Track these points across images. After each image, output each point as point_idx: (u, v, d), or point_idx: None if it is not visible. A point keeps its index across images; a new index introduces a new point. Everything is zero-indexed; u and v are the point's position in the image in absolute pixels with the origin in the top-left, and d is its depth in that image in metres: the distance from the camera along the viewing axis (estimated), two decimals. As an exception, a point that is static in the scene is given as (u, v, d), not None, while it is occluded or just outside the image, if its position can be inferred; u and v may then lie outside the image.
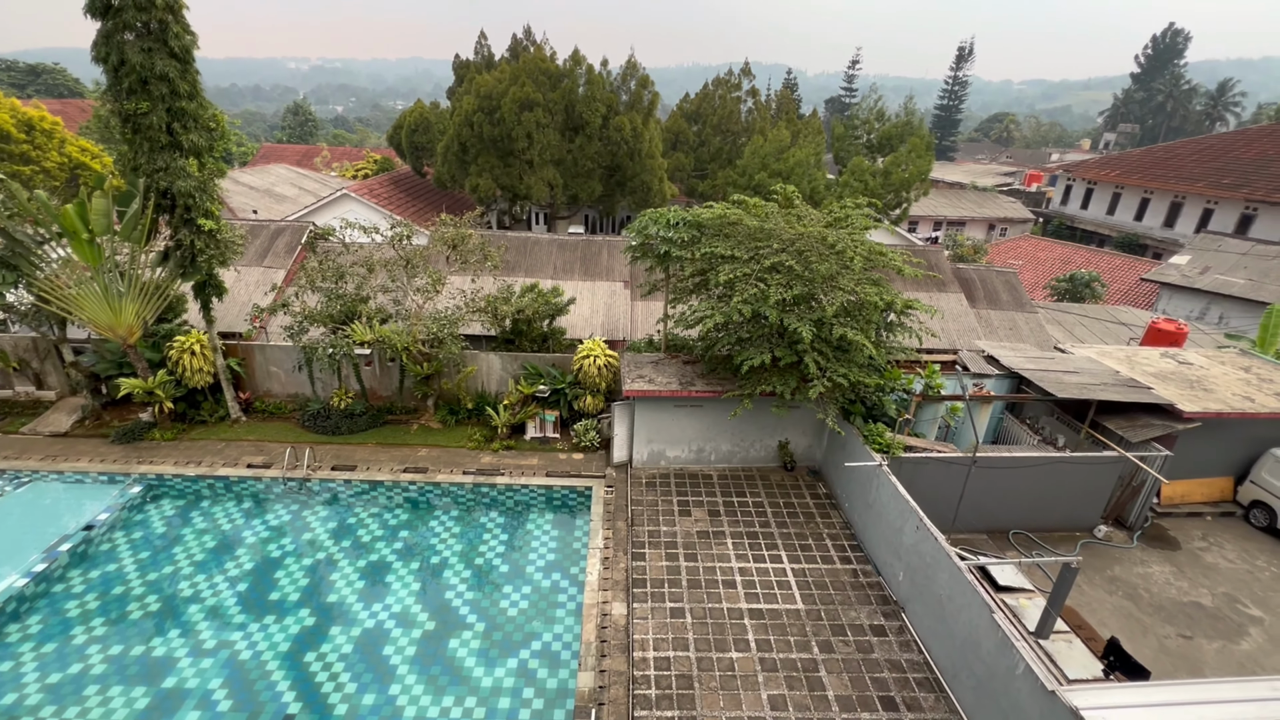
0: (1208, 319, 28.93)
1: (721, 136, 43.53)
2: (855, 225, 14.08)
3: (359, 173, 48.69)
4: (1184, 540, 13.93)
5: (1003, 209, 53.68)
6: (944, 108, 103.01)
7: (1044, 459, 13.12)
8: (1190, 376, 15.57)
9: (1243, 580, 12.79)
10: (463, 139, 34.48)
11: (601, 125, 34.45)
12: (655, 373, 14.74)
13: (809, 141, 36.70)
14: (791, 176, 32.47)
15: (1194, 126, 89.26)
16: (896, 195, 35.02)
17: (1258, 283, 28.44)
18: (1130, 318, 26.69)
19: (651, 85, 37.15)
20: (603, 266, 22.58)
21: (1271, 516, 14.22)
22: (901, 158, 35.09)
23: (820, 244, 12.75)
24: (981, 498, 13.02)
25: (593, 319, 20.67)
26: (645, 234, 14.21)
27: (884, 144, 39.20)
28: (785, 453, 15.18)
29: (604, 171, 36.12)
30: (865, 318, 12.63)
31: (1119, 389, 14.14)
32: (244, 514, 13.81)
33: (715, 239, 13.43)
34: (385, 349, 15.40)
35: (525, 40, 44.30)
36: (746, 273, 12.37)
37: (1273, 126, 46.32)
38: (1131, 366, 15.95)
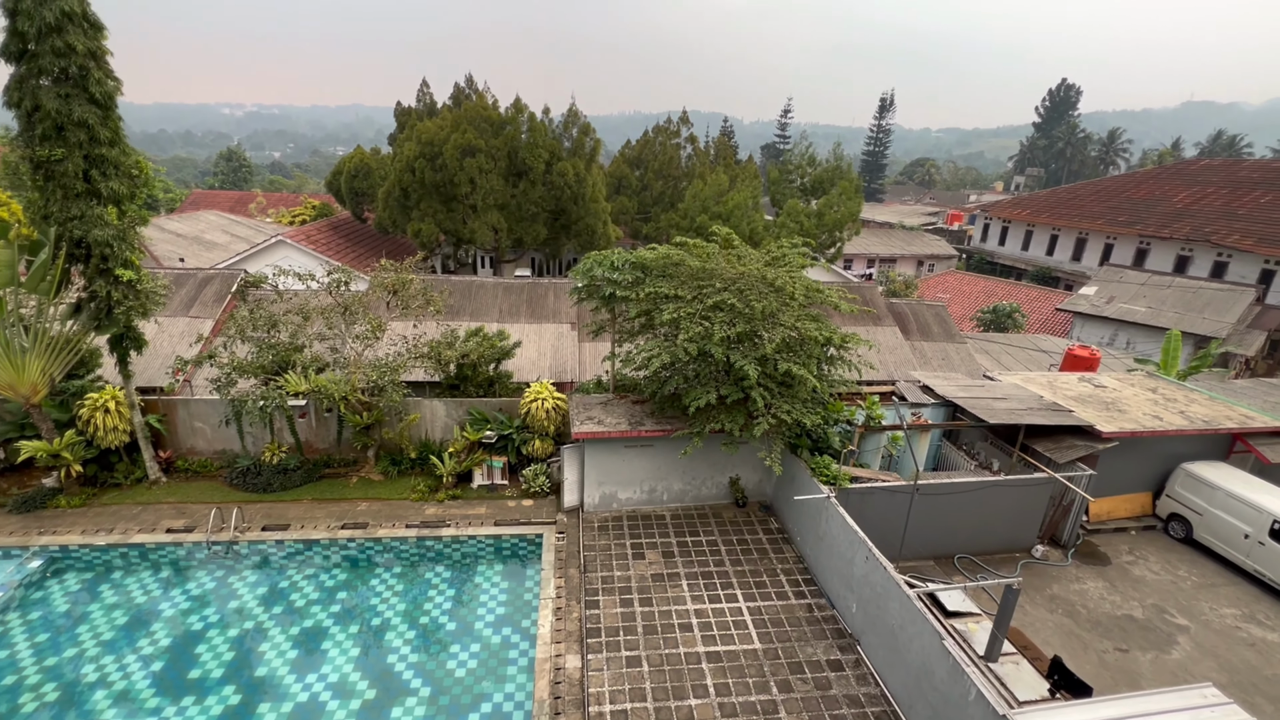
0: (1116, 344, 31.19)
1: (663, 181, 44.84)
2: (793, 264, 14.63)
3: (296, 219, 47.47)
4: (1113, 555, 14.63)
5: (929, 246, 56.99)
6: (871, 153, 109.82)
7: (981, 483, 13.63)
8: (1105, 399, 16.64)
9: (1168, 591, 13.48)
10: (404, 184, 34.25)
11: (545, 171, 34.96)
12: (604, 414, 14.65)
13: (746, 185, 38.23)
14: (731, 218, 33.61)
15: (1091, 170, 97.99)
16: (830, 235, 36.69)
17: (1156, 310, 30.99)
18: (1050, 345, 28.49)
19: (593, 132, 38.12)
20: (549, 309, 22.55)
21: (1188, 528, 15.14)
22: (833, 200, 36.94)
23: (760, 282, 13.15)
24: (926, 524, 13.36)
25: (540, 361, 20.50)
26: (590, 276, 14.33)
27: (817, 187, 41.23)
28: (737, 489, 15.24)
29: (548, 215, 36.48)
30: (807, 352, 12.99)
31: (1044, 413, 14.95)
32: (161, 584, 12.71)
33: (659, 279, 13.66)
34: (322, 399, 14.76)
35: (468, 89, 44.89)
36: (690, 312, 12.58)
37: (1157, 170, 51.40)
38: (1053, 391, 16.93)
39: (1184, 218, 40.93)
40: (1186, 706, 7.75)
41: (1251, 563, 13.83)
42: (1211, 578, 14.00)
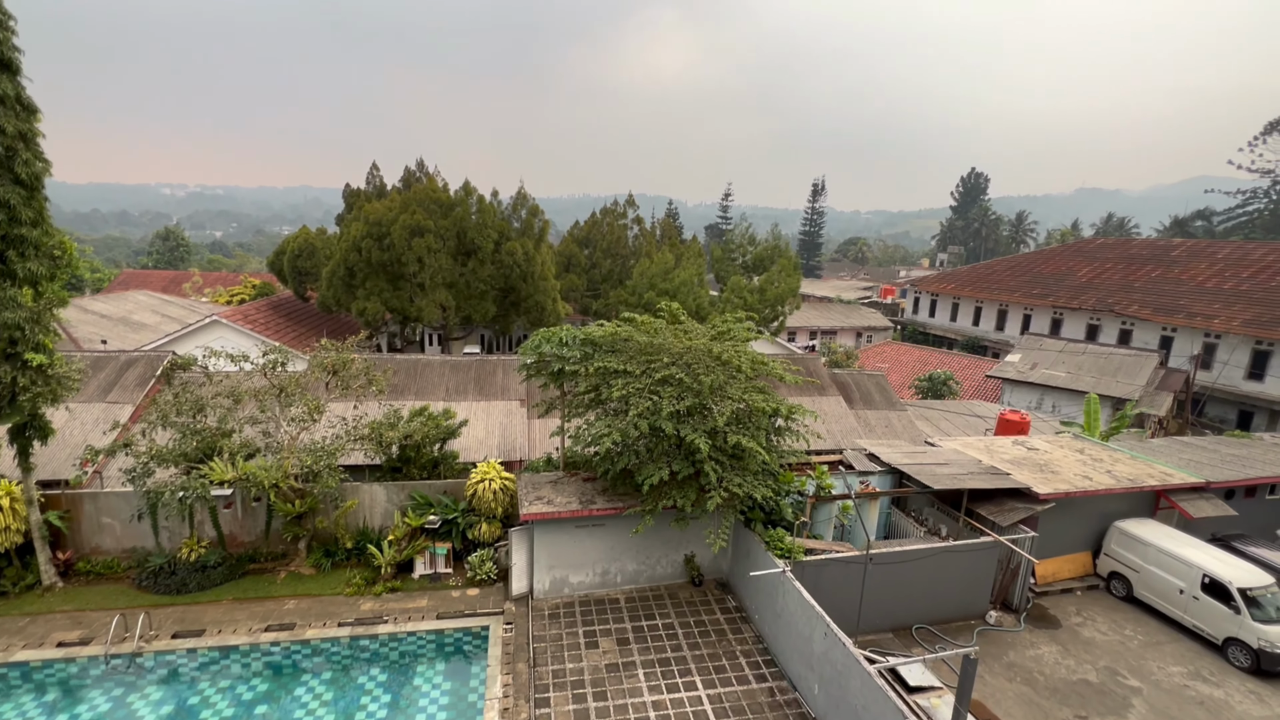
0: (1043, 408, 32.94)
1: (611, 259, 46.15)
2: (738, 337, 15.03)
3: (235, 298, 46.10)
4: (1063, 617, 14.80)
5: (866, 319, 59.96)
6: (807, 233, 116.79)
7: (932, 550, 13.75)
8: (1039, 461, 17.37)
9: (1118, 652, 13.64)
10: (350, 263, 34.01)
11: (494, 250, 35.49)
12: (554, 493, 14.23)
13: (691, 263, 39.74)
14: (678, 295, 34.64)
15: (1004, 248, 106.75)
16: (773, 309, 38.19)
17: (1075, 375, 33.12)
18: (984, 410, 29.83)
19: (542, 213, 39.27)
20: (498, 386, 22.24)
21: (1128, 586, 15.56)
22: (774, 276, 38.73)
23: (707, 356, 13.41)
24: (882, 595, 13.26)
25: (488, 440, 19.97)
26: (539, 352, 14.30)
27: (758, 264, 43.25)
28: (692, 567, 14.84)
29: (498, 293, 36.71)
30: (755, 424, 13.14)
31: (984, 477, 15.43)
32: (45, 709, 11.13)
33: (608, 355, 13.75)
34: (250, 487, 13.80)
35: (418, 171, 45.86)
36: (640, 387, 12.63)
37: (1061, 248, 56.50)
38: (991, 455, 17.57)
39: (1089, 290, 44.74)
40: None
41: (1189, 618, 14.23)
42: (1155, 635, 14.29)
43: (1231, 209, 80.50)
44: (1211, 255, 43.15)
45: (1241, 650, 13.19)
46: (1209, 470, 17.61)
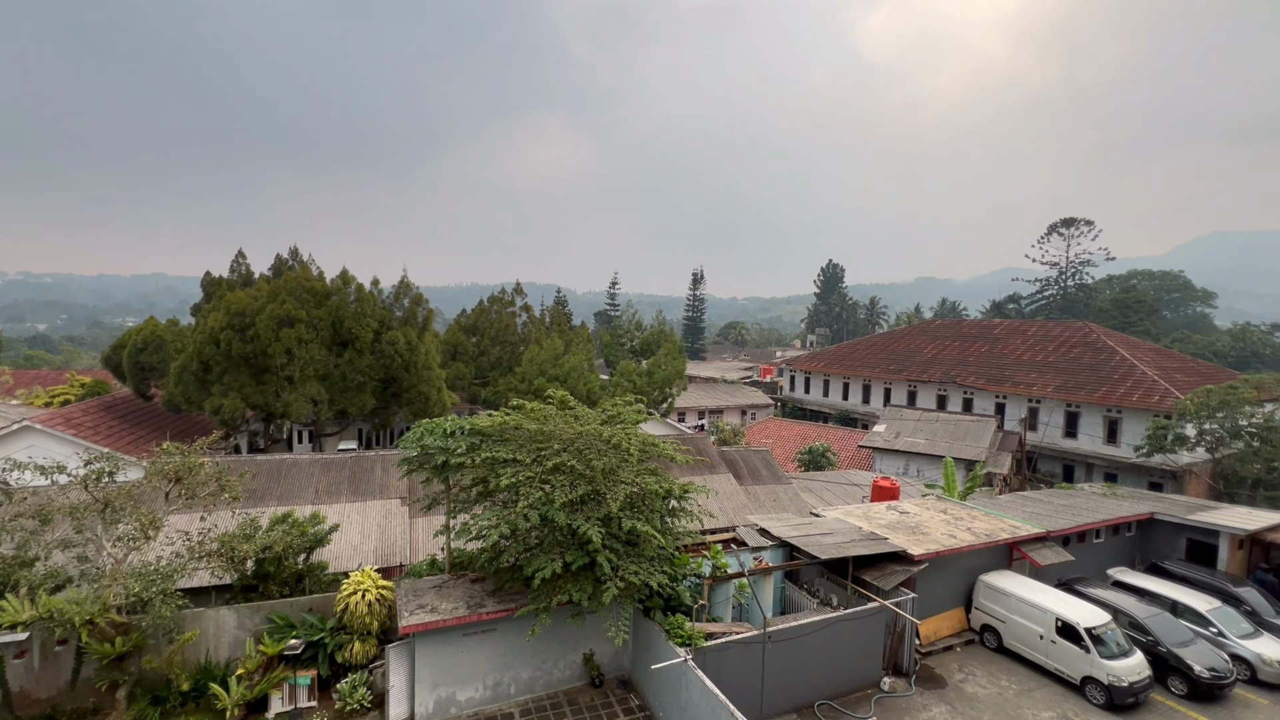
0: (909, 473, 35.82)
1: (500, 347, 45.67)
2: (628, 420, 15.19)
3: (56, 399, 39.87)
4: (947, 675, 15.47)
5: (749, 397, 63.12)
6: (690, 318, 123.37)
7: (825, 621, 14.03)
8: (910, 524, 18.64)
9: (997, 704, 14.37)
10: (205, 357, 30.91)
11: (373, 340, 33.93)
12: (439, 598, 13.07)
13: (581, 349, 40.26)
14: (568, 380, 34.72)
15: (862, 329, 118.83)
16: (662, 391, 39.24)
17: (932, 441, 36.57)
18: (860, 478, 31.87)
19: (426, 302, 38.43)
20: (376, 484, 20.60)
21: (998, 637, 16.68)
22: (661, 359, 40.12)
23: (598, 440, 13.37)
24: (782, 673, 13.20)
25: (364, 545, 18.19)
26: (422, 444, 13.56)
27: (646, 349, 44.68)
28: (591, 666, 14.00)
29: (377, 384, 34.77)
30: (650, 507, 13.09)
31: (865, 543, 16.25)
32: None
33: (497, 444, 13.31)
34: (53, 628, 11.41)
35: (291, 260, 43.61)
36: (530, 475, 12.25)
37: (908, 329, 63.82)
38: (869, 520, 18.63)
39: (935, 365, 50.52)
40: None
41: (1051, 662, 15.42)
42: (1027, 682, 15.27)
43: (1033, 294, 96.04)
44: (1024, 332, 50.62)
45: (1096, 688, 14.41)
46: (1047, 520, 19.78)
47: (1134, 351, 42.76)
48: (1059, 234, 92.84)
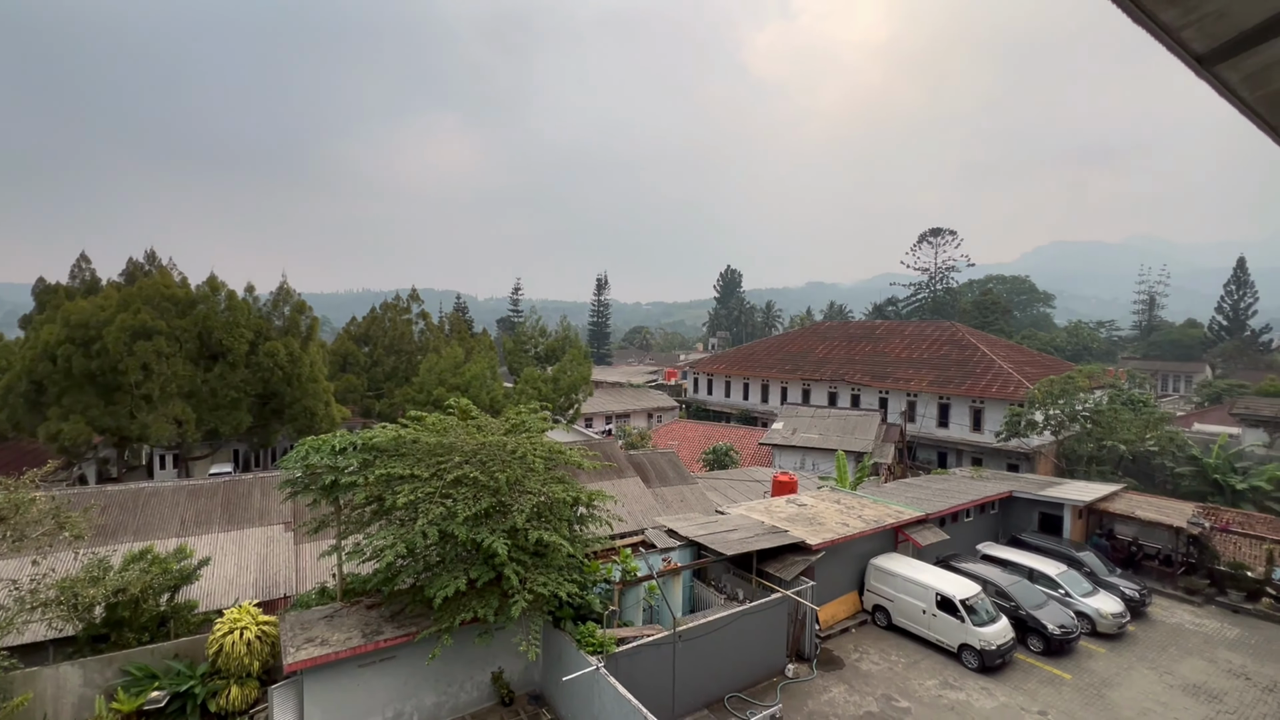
0: (806, 467, 37.83)
1: (395, 356, 43.36)
2: (534, 428, 14.88)
3: None
4: (845, 657, 16.41)
5: (655, 400, 64.05)
6: (595, 324, 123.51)
7: (732, 615, 14.43)
8: (808, 515, 19.64)
9: (889, 678, 15.43)
10: (38, 375, 26.91)
11: (249, 352, 31.04)
12: (330, 629, 12.10)
13: (483, 357, 39.08)
14: (470, 389, 33.55)
15: (760, 332, 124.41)
16: (568, 397, 38.90)
17: (825, 436, 38.85)
18: (761, 475, 33.21)
19: (310, 310, 35.76)
20: (254, 509, 18.79)
21: (888, 615, 17.94)
22: (566, 365, 39.76)
23: (502, 451, 12.97)
24: (694, 671, 13.42)
25: (241, 578, 16.53)
26: (307, 464, 12.51)
27: (550, 355, 44.12)
28: (501, 684, 13.52)
29: (255, 400, 31.85)
30: (558, 516, 12.87)
31: (768, 537, 16.91)
32: None
33: (392, 460, 12.55)
34: None
35: (147, 264, 39.06)
36: (430, 491, 11.66)
37: (801, 331, 67.56)
38: (770, 515, 19.43)
39: (825, 364, 53.79)
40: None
41: (933, 634, 16.79)
42: (913, 655, 16.52)
43: (908, 297, 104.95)
44: (902, 332, 55.10)
45: (971, 653, 15.85)
46: (926, 504, 21.57)
47: (992, 348, 47.75)
48: (928, 243, 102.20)
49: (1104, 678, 15.77)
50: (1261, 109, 4.55)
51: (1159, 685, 15.52)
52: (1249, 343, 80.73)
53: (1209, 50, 3.64)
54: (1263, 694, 15.21)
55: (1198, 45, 3.62)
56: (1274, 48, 3.76)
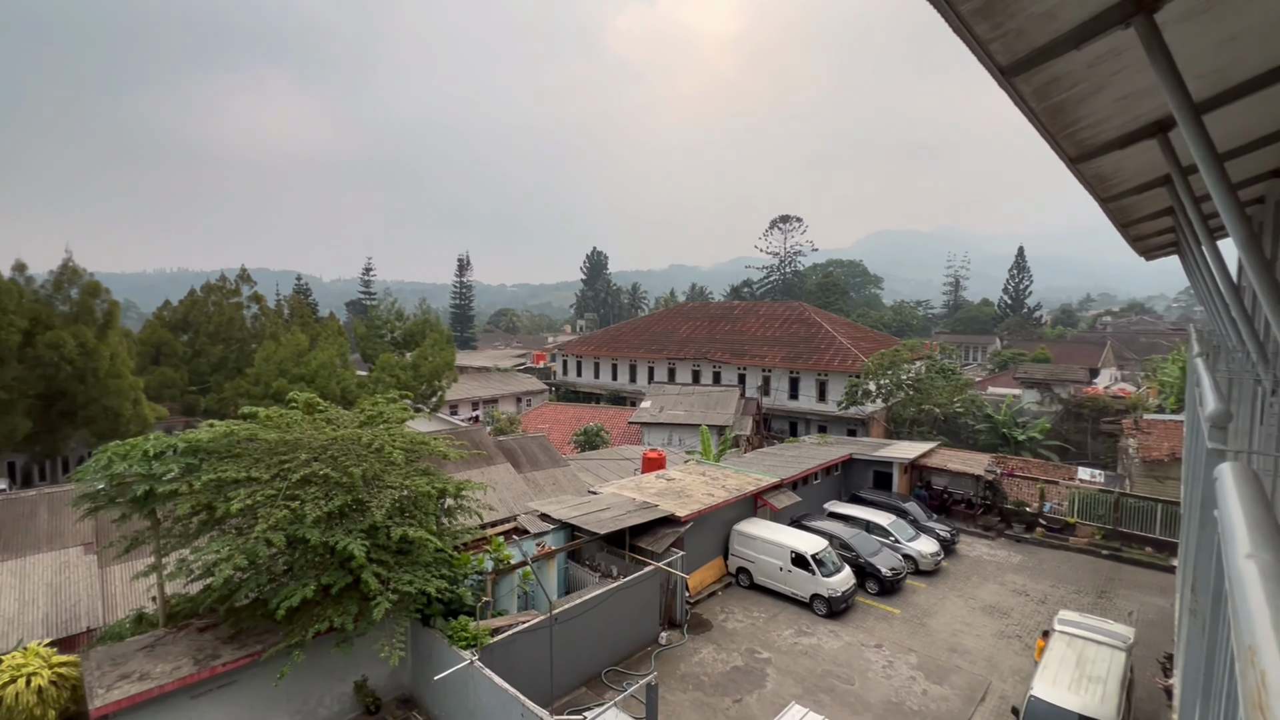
0: (674, 443, 39.38)
1: (224, 345, 38.32)
2: (393, 419, 13.93)
3: None
4: (713, 619, 17.45)
5: (524, 384, 62.89)
6: (457, 307, 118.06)
7: (607, 592, 14.70)
8: (676, 489, 20.48)
9: (751, 633, 16.67)
10: None
11: (23, 344, 25.74)
12: (151, 661, 10.53)
13: (331, 343, 35.78)
14: (316, 380, 30.63)
15: (626, 313, 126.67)
16: (430, 384, 36.92)
17: (690, 412, 40.66)
18: (631, 453, 34.01)
19: (107, 292, 30.39)
20: (41, 532, 15.75)
21: (750, 576, 19.32)
22: (427, 351, 37.65)
23: (357, 445, 12.00)
24: (572, 651, 13.52)
25: (26, 614, 13.84)
26: (112, 473, 10.69)
27: (409, 340, 41.49)
28: (365, 693, 12.66)
29: (36, 402, 26.55)
30: (423, 510, 12.21)
31: (639, 512, 17.38)
32: None
33: (224, 462, 11.11)
34: None
35: None
36: (272, 494, 10.49)
37: (665, 312, 69.71)
38: (641, 491, 19.98)
39: (689, 344, 56.13)
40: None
41: (789, 588, 18.37)
42: (772, 609, 17.98)
43: (762, 279, 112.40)
44: (757, 313, 58.92)
45: (820, 602, 17.59)
46: (781, 470, 23.43)
47: (834, 326, 52.68)
48: (778, 228, 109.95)
49: (925, 609, 18.28)
50: (1045, 119, 5.35)
51: (965, 609, 18.31)
52: (1026, 318, 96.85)
53: (1010, 63, 4.18)
54: (1038, 606, 18.54)
55: (1001, 58, 4.15)
56: (1054, 66, 4.41)
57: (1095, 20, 3.80)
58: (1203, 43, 4.85)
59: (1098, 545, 22.93)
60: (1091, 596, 19.30)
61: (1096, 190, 8.13)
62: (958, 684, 14.52)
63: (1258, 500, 1.15)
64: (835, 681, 14.48)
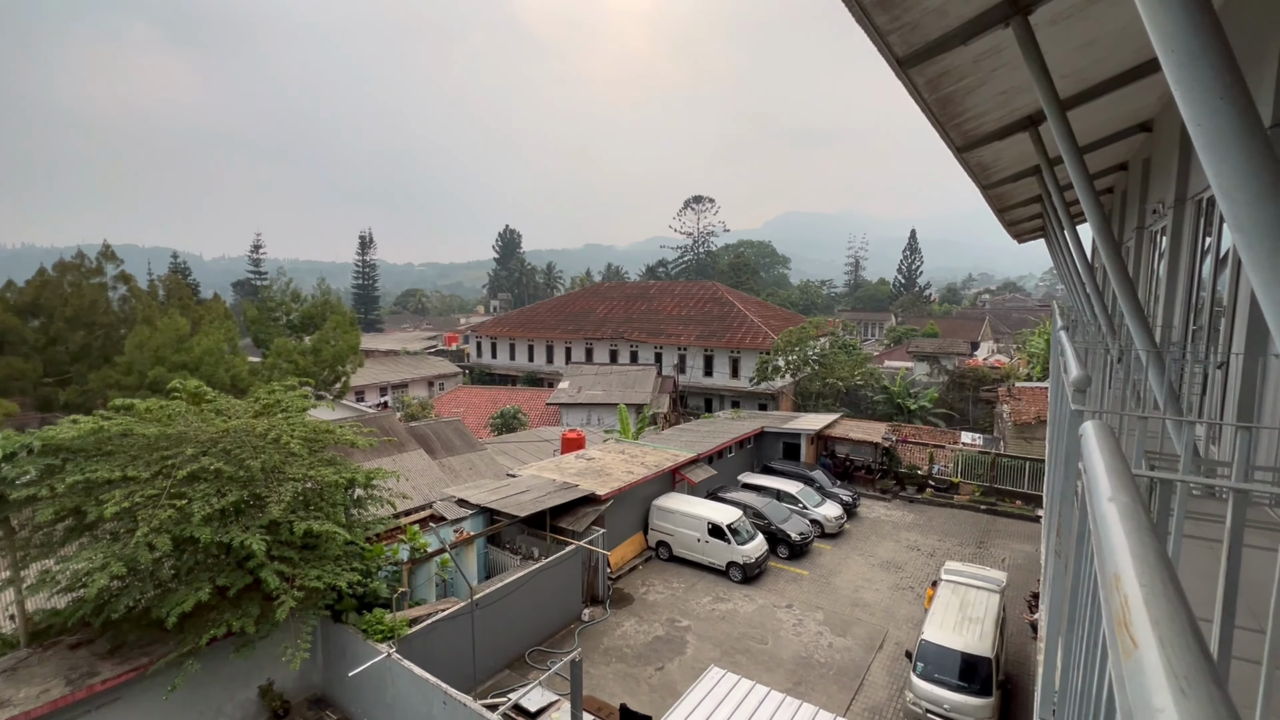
0: (592, 423, 39.49)
1: (87, 331, 34.15)
2: (292, 407, 13.04)
3: None
4: (634, 592, 17.84)
5: (436, 367, 60.62)
6: (360, 287, 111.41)
7: (528, 575, 14.65)
8: (596, 468, 20.61)
9: (671, 604, 17.22)
10: None
11: None
12: (12, 686, 9.41)
13: (217, 328, 32.77)
14: (201, 367, 28.07)
15: (542, 293, 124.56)
16: (332, 370, 34.82)
17: (608, 392, 40.85)
18: (550, 434, 33.77)
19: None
20: None
21: (669, 548, 19.87)
22: (328, 334, 35.40)
23: (252, 436, 11.15)
24: (494, 634, 13.41)
25: None
26: (-52, 481, 9.32)
27: (307, 323, 38.81)
28: (271, 697, 11.96)
29: None
30: (330, 501, 11.58)
31: (559, 493, 17.36)
32: None
33: (93, 461, 9.98)
34: None
35: None
36: (153, 493, 9.57)
37: (581, 291, 69.26)
38: (561, 472, 19.95)
39: (606, 323, 56.16)
40: (707, 693, 9.82)
41: (706, 558, 19.08)
42: (691, 579, 18.63)
43: (676, 259, 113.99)
44: (672, 292, 59.77)
45: (735, 569, 18.41)
46: (697, 445, 24.12)
47: (745, 305, 54.42)
48: (692, 209, 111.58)
49: (830, 569, 19.59)
50: (936, 109, 5.74)
51: (866, 566, 19.80)
52: (918, 297, 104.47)
53: (906, 54, 4.44)
54: (928, 559, 20.36)
55: (899, 49, 4.39)
56: (945, 60, 4.72)
57: (980, 18, 4.11)
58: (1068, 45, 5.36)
59: (978, 501, 25.43)
60: (972, 548, 21.42)
61: (979, 178, 8.85)
62: (859, 635, 15.73)
63: (1115, 452, 1.33)
64: (751, 643, 15.27)
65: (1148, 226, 9.93)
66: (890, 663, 14.58)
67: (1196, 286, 7.42)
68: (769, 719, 9.45)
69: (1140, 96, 7.29)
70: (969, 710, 11.59)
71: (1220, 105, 1.48)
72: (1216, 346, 6.32)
